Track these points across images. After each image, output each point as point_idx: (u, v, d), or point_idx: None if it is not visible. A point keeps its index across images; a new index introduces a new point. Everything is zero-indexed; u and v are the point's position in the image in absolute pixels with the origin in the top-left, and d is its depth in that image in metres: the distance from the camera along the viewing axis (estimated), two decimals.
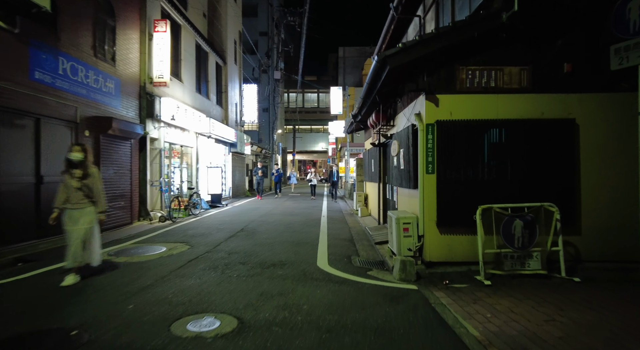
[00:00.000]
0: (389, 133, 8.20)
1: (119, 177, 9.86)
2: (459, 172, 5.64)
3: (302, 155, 53.54)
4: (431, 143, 5.65)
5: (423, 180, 5.67)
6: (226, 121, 19.82)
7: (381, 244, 7.55)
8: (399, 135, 6.87)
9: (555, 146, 5.58)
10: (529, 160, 5.62)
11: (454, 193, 5.64)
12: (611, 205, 5.56)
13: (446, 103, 5.64)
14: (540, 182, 5.61)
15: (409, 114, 6.49)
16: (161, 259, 6.16)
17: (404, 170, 6.55)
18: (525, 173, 5.62)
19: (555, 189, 5.57)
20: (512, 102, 5.62)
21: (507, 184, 5.63)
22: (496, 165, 5.64)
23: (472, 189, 5.62)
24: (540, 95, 5.61)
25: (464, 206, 5.62)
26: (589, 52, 5.58)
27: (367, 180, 12.78)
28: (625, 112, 5.57)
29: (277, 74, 27.27)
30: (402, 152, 6.67)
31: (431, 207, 5.65)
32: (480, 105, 5.63)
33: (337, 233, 8.96)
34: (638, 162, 4.58)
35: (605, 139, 5.57)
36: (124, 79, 10.26)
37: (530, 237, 5.13)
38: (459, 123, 5.62)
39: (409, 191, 6.55)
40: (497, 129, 5.62)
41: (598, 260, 5.47)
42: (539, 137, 5.61)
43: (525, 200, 5.31)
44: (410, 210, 6.51)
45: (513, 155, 5.63)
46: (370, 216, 11.79)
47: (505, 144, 5.63)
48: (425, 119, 5.66)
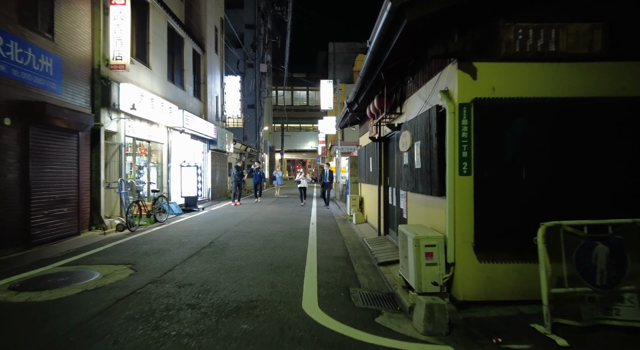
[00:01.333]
0: (395, 122, 6.51)
1: (59, 178, 7.96)
2: (507, 172, 3.96)
3: (292, 154, 51.72)
4: (466, 131, 3.96)
5: (454, 185, 3.98)
6: (205, 115, 17.92)
7: (386, 265, 5.84)
8: (413, 123, 5.18)
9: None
10: (612, 156, 3.97)
11: (500, 203, 3.96)
12: None
13: (487, 75, 3.95)
14: (628, 187, 3.96)
15: (428, 94, 4.80)
16: (81, 295, 4.33)
17: (420, 171, 4.85)
18: (607, 175, 3.97)
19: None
20: (580, 74, 3.96)
21: (579, 191, 3.97)
22: (562, 164, 3.97)
23: (528, 198, 3.95)
24: (620, 64, 3.97)
25: (515, 222, 3.95)
26: None
27: (362, 182, 11.08)
28: None
29: (263, 66, 25.41)
30: (417, 146, 4.98)
31: (465, 223, 3.96)
32: (534, 78, 3.96)
33: (329, 248, 7.23)
34: None
35: None
36: (69, 58, 8.35)
37: (618, 269, 3.47)
38: (506, 103, 3.94)
39: (426, 198, 4.86)
40: (562, 111, 3.95)
41: None
42: (623, 123, 3.96)
43: (608, 215, 3.65)
44: (428, 224, 4.82)
45: (588, 149, 3.98)
46: (367, 223, 10.10)
47: (575, 133, 3.97)
48: (457, 96, 3.96)
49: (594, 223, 3.53)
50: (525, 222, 3.90)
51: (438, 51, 3.87)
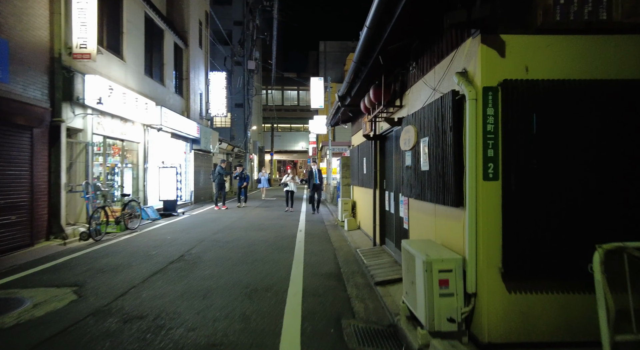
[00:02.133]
0: (395, 117, 5.61)
1: (5, 181, 6.89)
2: (546, 177, 3.06)
3: (282, 155, 50.65)
4: (493, 123, 3.06)
5: (476, 192, 3.08)
6: (187, 113, 16.85)
7: (384, 285, 4.93)
8: (419, 116, 4.28)
9: None
10: None
11: (537, 217, 3.06)
12: None
13: (518, 50, 3.06)
14: None
15: (438, 79, 3.90)
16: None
17: (428, 174, 3.95)
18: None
19: None
20: (629, 48, 3.10)
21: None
22: (619, 167, 3.09)
23: (575, 210, 3.05)
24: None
25: (559, 241, 3.06)
26: None
27: (355, 185, 10.16)
28: None
29: (252, 63, 24.34)
30: (423, 144, 4.07)
31: (491, 241, 3.06)
32: (580, 55, 3.08)
33: (318, 261, 6.29)
34: None
35: None
36: (19, 42, 7.28)
37: None
38: (545, 87, 3.05)
39: (435, 208, 3.96)
40: (617, 97, 3.07)
41: None
42: None
43: None
44: (438, 240, 3.91)
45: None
46: (360, 230, 9.18)
47: (636, 127, 3.10)
48: (480, 79, 3.06)
49: None
50: (571, 242, 3.01)
51: (459, 18, 2.96)
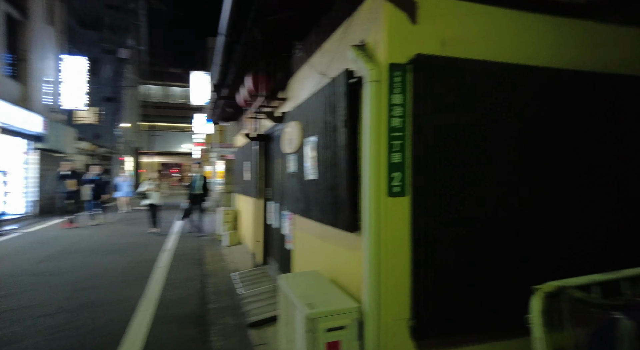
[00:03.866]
0: (278, 112, 4.55)
1: None
2: (475, 193, 2.29)
3: (165, 157, 46.02)
4: (400, 116, 2.17)
5: (377, 213, 2.16)
6: (27, 103, 13.37)
7: (261, 327, 3.81)
8: (304, 109, 3.28)
9: None
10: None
11: (460, 247, 2.26)
12: None
13: (433, 16, 2.25)
14: (628, 211, 2.67)
15: (329, 59, 2.94)
16: None
17: (316, 184, 2.96)
18: (620, 196, 2.62)
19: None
20: (574, 34, 2.56)
21: (587, 224, 2.52)
22: (565, 183, 2.47)
23: (510, 239, 2.34)
24: (612, 27, 2.69)
25: (488, 283, 2.31)
26: None
27: (238, 193, 8.87)
28: None
29: (124, 52, 21.04)
30: (310, 145, 3.08)
31: (398, 284, 2.17)
32: (510, 34, 2.41)
33: (178, 297, 4.84)
34: None
35: None
36: None
37: None
38: (472, 68, 2.29)
39: (324, 229, 2.97)
40: (556, 88, 2.47)
41: None
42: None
43: (618, 261, 2.24)
44: (328, 272, 2.93)
45: (607, 154, 2.58)
46: (243, 246, 7.91)
47: (585, 127, 2.52)
48: (385, 52, 2.16)
49: (608, 278, 2.06)
50: (504, 281, 2.29)
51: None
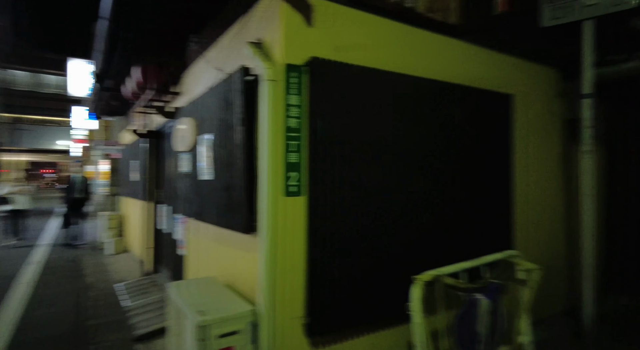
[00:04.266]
0: (171, 107, 4.23)
1: None
2: (369, 193, 2.41)
3: (35, 155, 39.50)
4: (297, 116, 2.19)
5: (274, 213, 2.14)
6: None
7: (148, 340, 3.49)
8: (199, 105, 3.11)
9: (495, 136, 3.20)
10: (479, 167, 3.02)
11: (351, 246, 2.36)
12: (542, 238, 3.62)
13: (328, 21, 2.32)
14: (486, 208, 3.08)
15: (226, 55, 2.83)
16: None
17: (212, 186, 2.82)
18: (474, 195, 2.98)
19: (498, 221, 3.19)
20: (447, 49, 2.87)
21: (455, 217, 2.83)
22: (440, 183, 2.73)
23: (394, 233, 2.51)
24: (472, 46, 3.10)
25: (375, 277, 2.45)
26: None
27: (125, 195, 8.03)
28: (550, 100, 3.79)
29: None
30: (205, 143, 2.92)
31: (293, 284, 2.18)
32: (395, 44, 2.60)
33: (46, 316, 4.16)
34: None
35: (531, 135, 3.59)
36: None
37: (495, 330, 2.41)
38: (365, 74, 2.41)
39: (220, 232, 2.85)
40: (431, 97, 2.72)
41: None
42: (486, 121, 3.09)
43: (469, 251, 2.58)
44: (224, 277, 2.82)
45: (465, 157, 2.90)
46: (130, 254, 7.18)
47: (452, 131, 2.81)
48: (282, 52, 2.16)
49: (469, 266, 2.37)
50: (391, 274, 2.46)
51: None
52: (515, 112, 3.30)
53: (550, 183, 3.76)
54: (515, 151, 3.29)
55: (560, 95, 3.83)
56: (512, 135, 3.26)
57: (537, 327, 3.66)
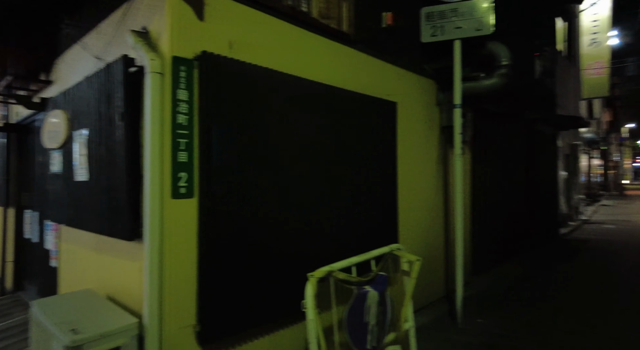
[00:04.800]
0: (38, 97, 3.65)
1: None
2: (264, 194, 2.38)
3: None
4: (186, 112, 2.07)
5: (160, 217, 1.99)
6: None
7: None
8: (74, 96, 2.73)
9: (382, 141, 3.46)
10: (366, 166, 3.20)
11: (246, 248, 2.31)
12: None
13: (222, 17, 2.25)
14: (375, 207, 3.30)
15: (106, 42, 2.54)
16: None
17: (89, 187, 2.51)
18: (358, 189, 3.15)
19: (385, 218, 3.44)
20: (341, 55, 2.99)
21: (349, 218, 2.94)
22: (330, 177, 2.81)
23: (289, 233, 2.52)
24: (363, 55, 3.30)
25: (271, 277, 2.44)
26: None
27: None
28: (430, 108, 4.24)
29: None
30: (80, 139, 2.59)
31: (183, 290, 2.06)
32: (288, 45, 2.63)
33: None
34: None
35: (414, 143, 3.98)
36: None
37: (383, 319, 2.61)
38: (260, 74, 2.37)
39: (99, 240, 2.55)
40: (324, 102, 2.81)
41: None
42: (374, 126, 3.30)
43: (360, 246, 2.75)
44: (104, 289, 2.53)
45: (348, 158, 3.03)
46: None
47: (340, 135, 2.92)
48: (169, 44, 2.02)
49: (359, 260, 2.52)
50: (286, 273, 2.47)
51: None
52: (400, 118, 3.62)
53: (430, 183, 4.22)
54: (399, 154, 3.61)
55: (439, 104, 4.32)
56: (396, 139, 3.57)
57: (421, 312, 4.09)
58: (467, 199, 4.99)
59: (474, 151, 5.16)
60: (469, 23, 3.60)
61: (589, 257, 6.75)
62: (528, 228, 6.94)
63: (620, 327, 3.63)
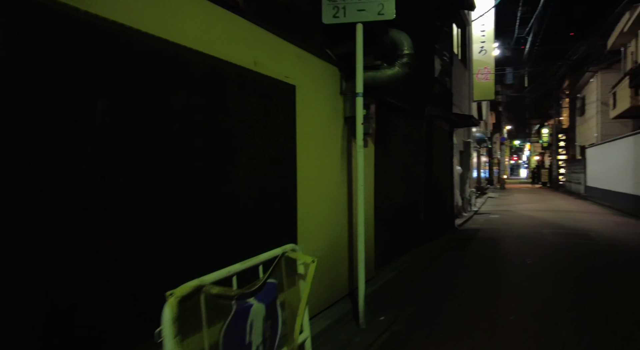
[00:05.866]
0: None
1: None
2: (98, 184, 1.77)
3: None
4: None
5: None
6: None
7: None
8: None
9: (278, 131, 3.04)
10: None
11: (79, 266, 1.70)
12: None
13: None
14: (267, 202, 2.86)
15: None
16: None
17: None
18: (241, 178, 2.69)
19: (281, 214, 3.04)
20: (218, 21, 2.48)
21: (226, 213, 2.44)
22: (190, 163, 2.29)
23: (146, 239, 1.94)
24: (256, 28, 2.85)
25: (110, 299, 1.85)
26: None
27: None
28: (334, 97, 3.97)
29: None
30: None
31: None
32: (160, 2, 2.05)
33: None
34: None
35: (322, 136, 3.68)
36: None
37: (273, 336, 2.21)
38: (109, 27, 1.75)
39: None
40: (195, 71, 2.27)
41: None
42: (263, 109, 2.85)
43: (247, 250, 2.32)
44: None
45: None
46: None
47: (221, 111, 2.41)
48: None
49: (243, 268, 2.09)
50: (137, 290, 1.91)
51: None
52: (300, 104, 3.28)
53: (335, 176, 3.97)
54: (300, 144, 3.26)
55: (343, 93, 4.09)
56: (295, 126, 3.22)
57: (324, 314, 3.83)
58: (370, 192, 4.89)
59: (378, 144, 5.09)
60: (372, 6, 3.39)
61: (479, 245, 7.29)
62: (427, 220, 7.23)
63: (506, 312, 3.80)
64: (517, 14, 22.64)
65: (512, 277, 5.08)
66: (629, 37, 14.32)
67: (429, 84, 7.60)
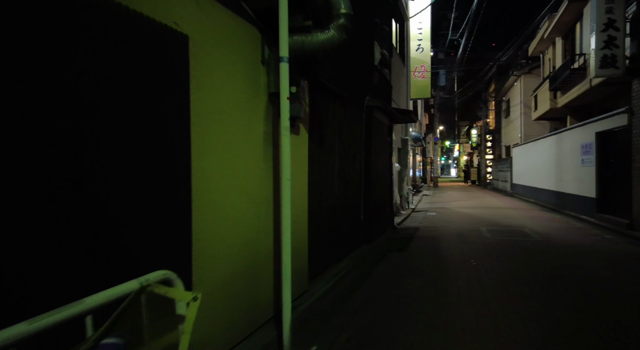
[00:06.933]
0: None
1: None
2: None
3: None
4: None
5: None
6: None
7: None
8: None
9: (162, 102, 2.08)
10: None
11: None
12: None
13: None
14: (129, 205, 1.88)
15: None
16: None
17: None
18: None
19: (161, 223, 2.08)
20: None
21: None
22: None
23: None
24: None
25: None
26: None
27: None
28: (254, 67, 3.06)
29: None
30: None
31: None
32: None
33: None
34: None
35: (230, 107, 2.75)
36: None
37: None
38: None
39: None
40: None
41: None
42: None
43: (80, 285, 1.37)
44: None
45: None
46: None
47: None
48: None
49: (54, 322, 1.14)
50: None
51: None
52: (197, 66, 2.35)
53: (256, 169, 3.10)
54: (196, 123, 2.34)
55: (266, 63, 3.22)
56: (189, 97, 2.28)
57: (241, 346, 2.94)
58: (303, 190, 4.08)
59: (313, 134, 4.30)
60: None
61: (421, 245, 6.82)
62: (367, 220, 6.61)
63: (460, 329, 3.20)
64: (450, 19, 23.42)
65: (459, 282, 4.57)
66: (547, 44, 15.14)
67: (368, 72, 6.98)
